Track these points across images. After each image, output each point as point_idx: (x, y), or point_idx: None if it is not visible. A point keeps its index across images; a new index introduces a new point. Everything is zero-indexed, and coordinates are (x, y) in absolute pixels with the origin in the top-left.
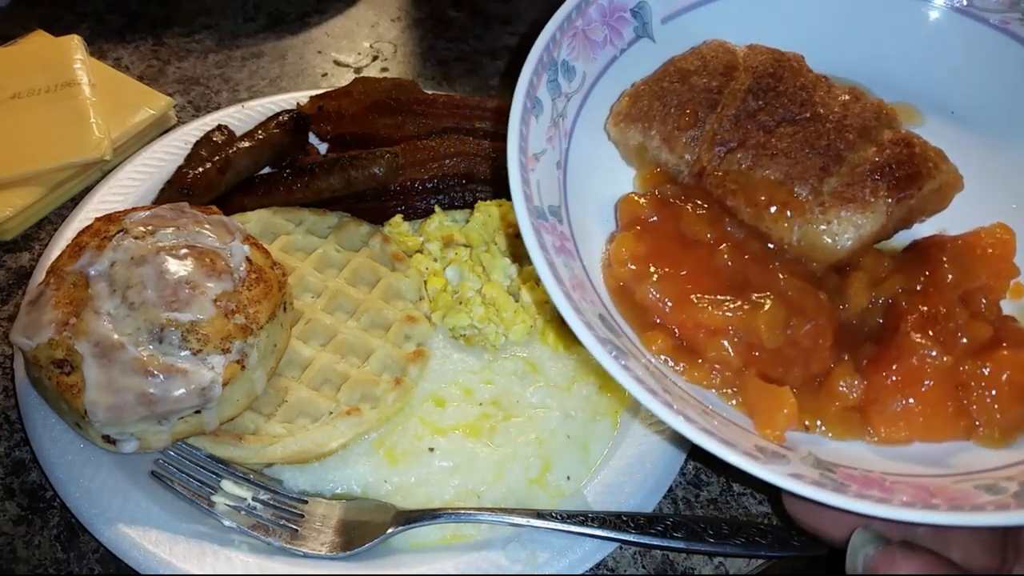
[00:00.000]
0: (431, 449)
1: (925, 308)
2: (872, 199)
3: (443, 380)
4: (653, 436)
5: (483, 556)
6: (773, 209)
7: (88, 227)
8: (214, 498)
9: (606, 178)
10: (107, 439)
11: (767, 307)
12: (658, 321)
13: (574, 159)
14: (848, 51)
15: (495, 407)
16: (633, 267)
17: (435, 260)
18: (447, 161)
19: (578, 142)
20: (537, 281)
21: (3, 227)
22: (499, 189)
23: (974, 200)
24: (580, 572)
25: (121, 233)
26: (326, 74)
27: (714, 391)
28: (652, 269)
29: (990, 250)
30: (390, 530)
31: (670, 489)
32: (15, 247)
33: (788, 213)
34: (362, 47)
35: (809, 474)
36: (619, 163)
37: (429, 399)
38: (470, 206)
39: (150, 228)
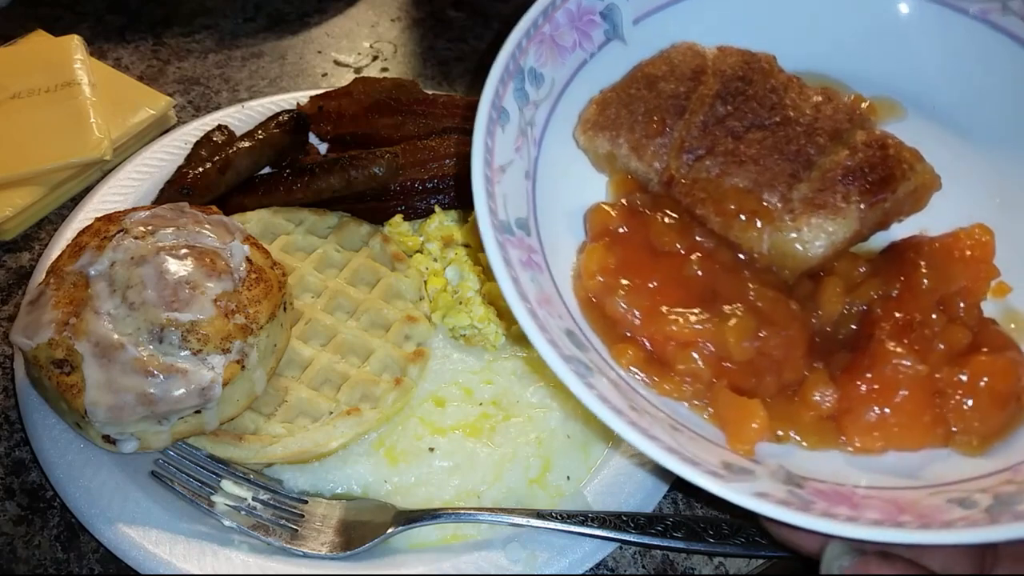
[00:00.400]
0: (431, 449)
1: (900, 315)
2: (843, 204)
3: (443, 380)
4: None
5: (483, 556)
6: (742, 218)
7: (88, 227)
8: (214, 498)
9: (578, 186)
10: (107, 439)
11: (736, 319)
12: (628, 334)
13: (544, 168)
14: (826, 46)
15: (495, 407)
16: (602, 279)
17: (435, 260)
18: (447, 161)
19: (548, 150)
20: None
21: (3, 227)
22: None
23: (958, 196)
24: (580, 572)
25: (121, 233)
26: (326, 74)
27: (686, 404)
28: (621, 281)
29: (968, 252)
30: (390, 530)
31: (670, 489)
32: (15, 247)
33: (757, 222)
34: (362, 47)
35: (775, 492)
36: (591, 170)
37: (429, 399)
38: (470, 206)
39: (150, 228)
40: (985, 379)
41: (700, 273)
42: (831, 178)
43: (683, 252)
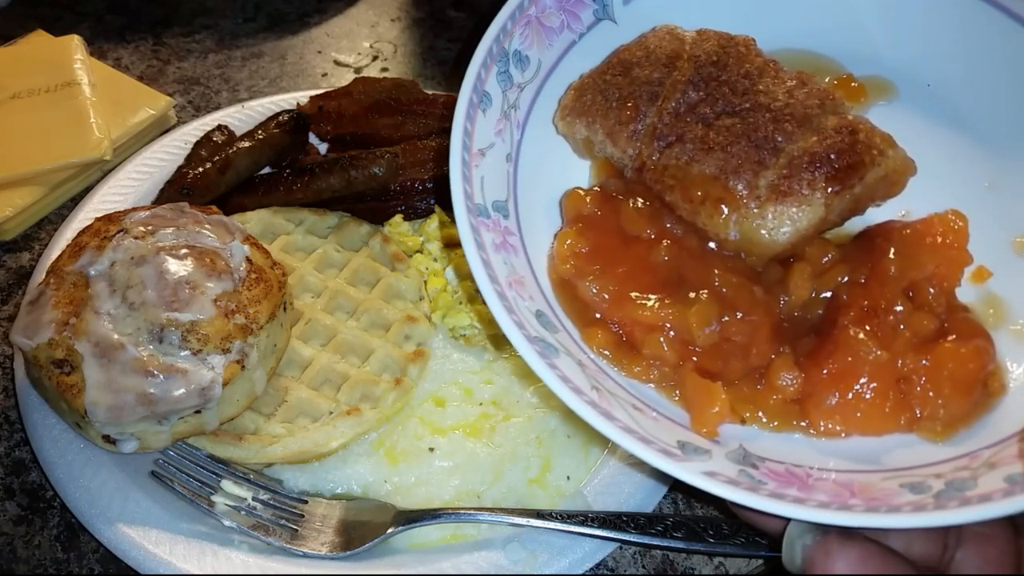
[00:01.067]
0: (431, 449)
1: (866, 302)
2: (808, 192)
3: (443, 380)
4: None
5: (483, 556)
6: (709, 205)
7: (88, 227)
8: (214, 498)
9: (561, 170)
10: (107, 439)
11: (699, 304)
12: (598, 317)
13: (527, 151)
14: (818, 23)
15: (495, 407)
16: (574, 263)
17: (435, 260)
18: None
19: (532, 134)
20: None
21: (3, 227)
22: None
23: (945, 177)
24: (580, 572)
25: (121, 233)
26: (326, 74)
27: (653, 386)
28: (592, 266)
29: (940, 239)
30: (390, 530)
31: (670, 489)
32: (15, 247)
33: (724, 208)
34: (362, 47)
35: (725, 472)
36: (574, 155)
37: (429, 399)
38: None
39: (150, 228)
40: (950, 366)
41: (668, 259)
42: (797, 165)
43: (652, 238)
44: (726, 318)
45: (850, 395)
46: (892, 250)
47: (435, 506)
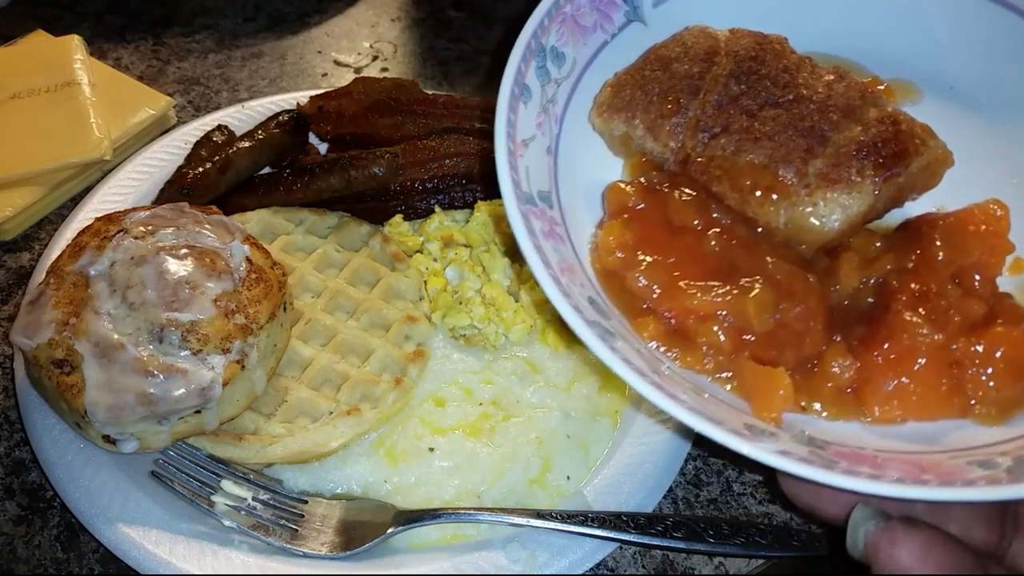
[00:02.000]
0: (431, 449)
1: (916, 287)
2: (858, 179)
3: (443, 380)
4: (653, 436)
5: (483, 556)
6: (759, 193)
7: (88, 227)
8: (214, 498)
9: (597, 164)
10: (107, 439)
11: (756, 291)
12: (647, 308)
13: (565, 145)
14: (842, 27)
15: (495, 407)
16: (621, 255)
17: (435, 260)
18: (447, 161)
19: (569, 128)
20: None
21: (3, 227)
22: (491, 187)
23: (973, 176)
24: (580, 572)
25: (121, 233)
26: (326, 74)
27: (708, 377)
28: (640, 256)
29: (983, 227)
30: (390, 530)
31: (670, 489)
32: (15, 247)
33: (774, 196)
34: (362, 47)
35: (797, 451)
36: (608, 151)
37: (429, 399)
38: (470, 206)
39: (150, 228)
40: (1001, 350)
41: (718, 248)
42: (845, 153)
43: (701, 228)
44: (782, 305)
45: (905, 379)
46: (938, 237)
47: (435, 506)
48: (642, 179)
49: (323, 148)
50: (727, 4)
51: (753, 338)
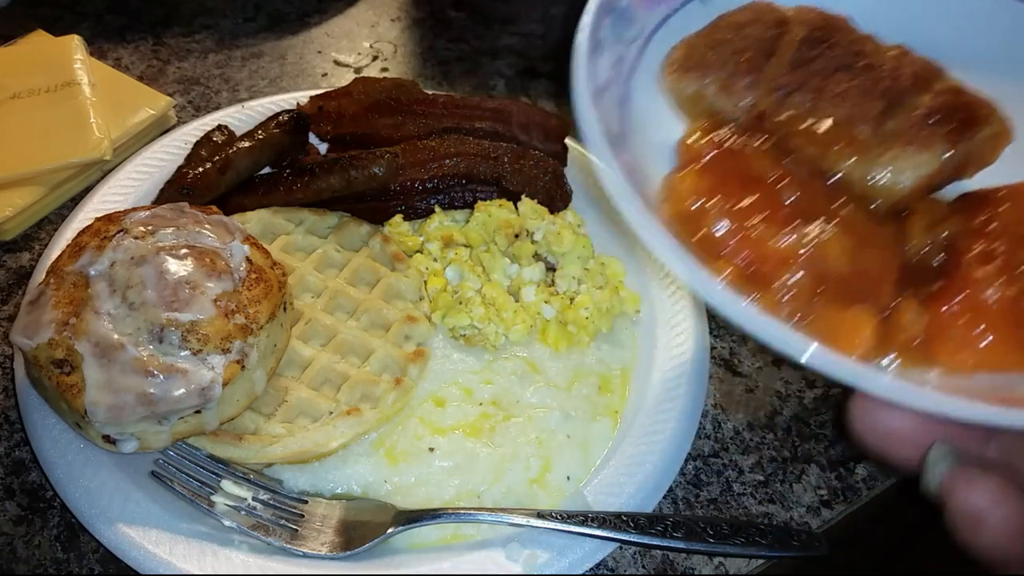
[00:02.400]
0: (431, 449)
1: (985, 244)
2: (931, 140)
3: (443, 380)
4: (653, 436)
5: (483, 556)
6: (836, 148)
7: (88, 227)
8: (214, 498)
9: (662, 122)
10: (107, 439)
11: (835, 234)
12: (723, 253)
13: (634, 102)
14: (897, 21)
15: (495, 407)
16: (696, 201)
17: (435, 260)
18: (447, 161)
19: (636, 86)
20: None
21: (3, 227)
22: (491, 187)
23: (1015, 163)
24: (580, 572)
25: (121, 233)
26: (326, 74)
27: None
28: (714, 204)
29: None
30: (390, 530)
31: (670, 489)
32: (15, 247)
33: (850, 152)
34: (362, 47)
35: (886, 375)
36: (673, 110)
37: (429, 399)
38: (470, 206)
39: (150, 228)
40: None
41: (794, 197)
42: (918, 117)
43: (775, 178)
44: (861, 251)
45: (977, 330)
46: (1003, 201)
47: (435, 506)
48: (715, 134)
49: (323, 148)
50: None
51: (828, 286)
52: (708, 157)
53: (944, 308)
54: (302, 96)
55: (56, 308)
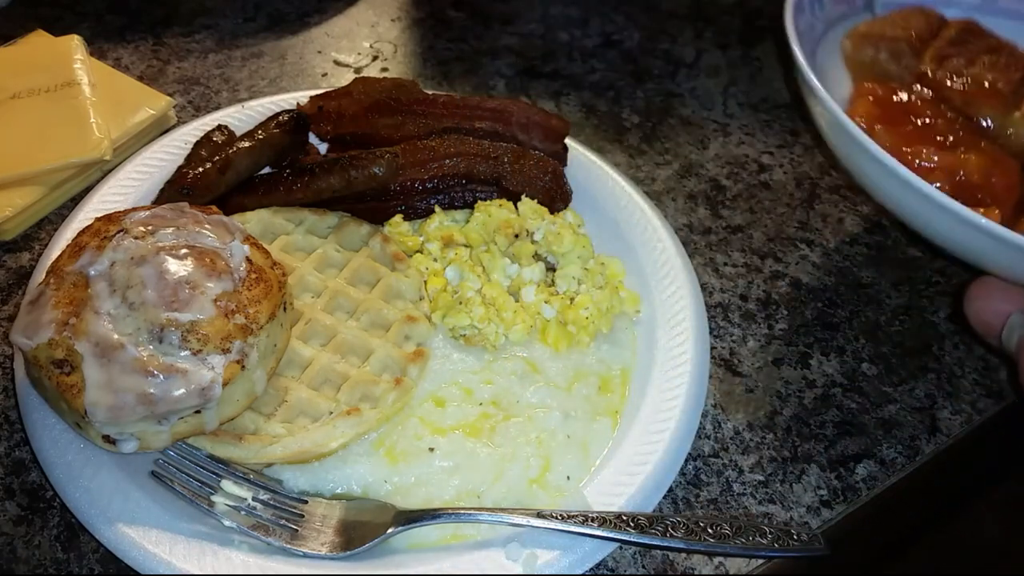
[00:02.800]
0: (431, 449)
1: None
2: None
3: (443, 380)
4: (653, 436)
5: (483, 556)
6: (985, 97)
7: (88, 227)
8: (214, 498)
9: (833, 86)
10: (107, 439)
11: (977, 154)
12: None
13: (820, 55)
14: None
15: (495, 407)
16: (865, 121)
17: (435, 260)
18: (447, 161)
19: (821, 50)
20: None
21: (3, 227)
22: (490, 187)
23: None
24: (580, 572)
25: (121, 233)
26: (326, 74)
27: None
28: (881, 125)
29: None
30: (390, 530)
31: (670, 489)
32: (15, 247)
33: (995, 102)
34: (362, 47)
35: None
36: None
37: (429, 399)
38: (470, 206)
39: (150, 228)
40: None
41: (946, 130)
42: None
43: (932, 116)
44: (994, 171)
45: None
46: None
47: (435, 506)
48: (882, 83)
49: (323, 148)
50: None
51: (964, 195)
52: (877, 94)
53: None
54: (302, 96)
55: (56, 308)
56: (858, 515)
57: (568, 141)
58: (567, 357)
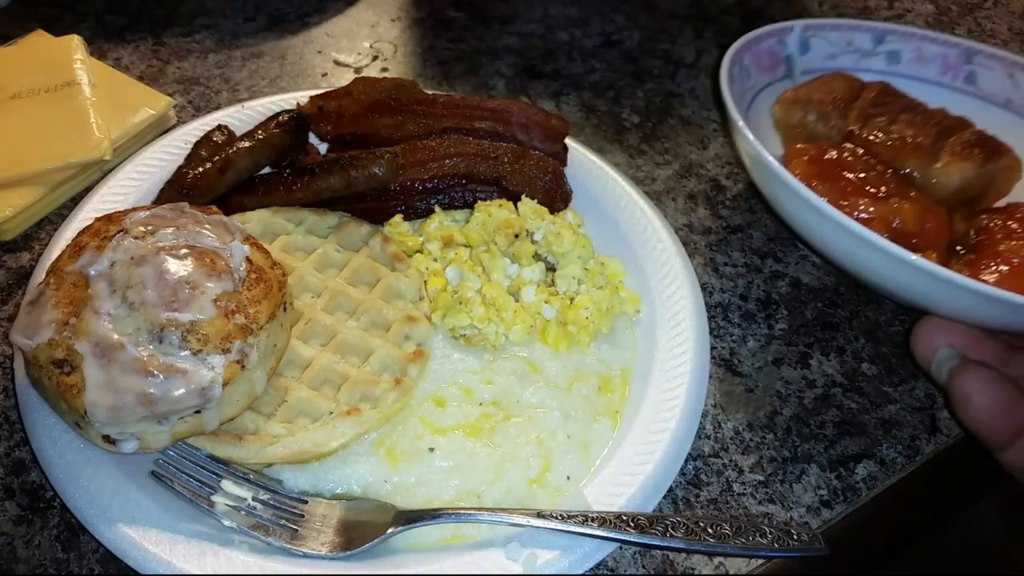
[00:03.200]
0: (431, 449)
1: (1010, 223)
2: (971, 156)
3: (443, 380)
4: (653, 436)
5: (483, 556)
6: (907, 152)
7: (88, 227)
8: (214, 498)
9: (766, 141)
10: (107, 439)
11: (909, 203)
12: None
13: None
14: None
15: (495, 407)
16: (802, 178)
17: (435, 260)
18: (447, 161)
19: (751, 115)
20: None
21: (3, 227)
22: (490, 187)
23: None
24: (580, 572)
25: (121, 233)
26: (326, 74)
27: None
28: (818, 182)
29: None
30: (390, 530)
31: (670, 489)
32: (15, 247)
33: (918, 154)
34: (362, 47)
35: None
36: (771, 140)
37: (429, 399)
38: (470, 206)
39: (150, 228)
40: None
41: (877, 182)
42: (962, 141)
43: (863, 170)
44: (926, 220)
45: (1003, 273)
46: (1019, 208)
47: (435, 506)
48: (814, 143)
49: (323, 148)
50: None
51: (903, 239)
52: (809, 156)
53: (980, 266)
54: (302, 96)
55: (56, 308)
56: (858, 515)
57: (568, 141)
58: (567, 357)
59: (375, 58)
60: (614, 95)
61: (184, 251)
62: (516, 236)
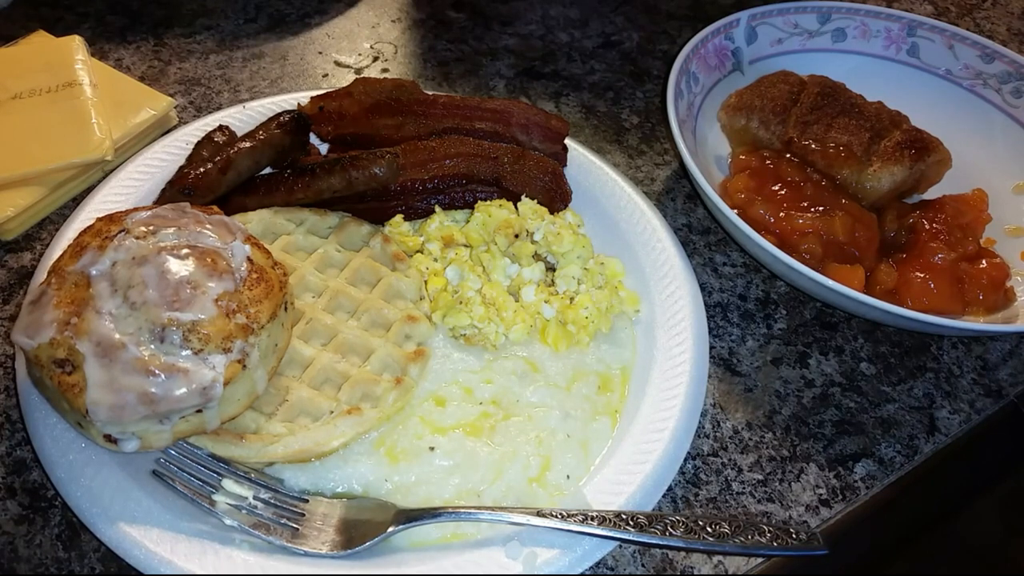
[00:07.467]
0: (431, 448)
1: (935, 227)
2: (901, 159)
3: (443, 379)
4: (653, 435)
5: (483, 554)
6: (841, 160)
7: (89, 227)
8: (215, 497)
9: (714, 145)
10: (108, 438)
11: (841, 215)
12: (764, 229)
13: (699, 129)
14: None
15: (495, 406)
16: (745, 195)
17: (435, 260)
18: (447, 161)
19: (700, 121)
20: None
21: (5, 227)
22: (490, 187)
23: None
24: (580, 571)
25: (122, 233)
26: (327, 75)
27: None
28: (760, 196)
29: (972, 202)
30: (391, 529)
31: (670, 488)
32: (16, 247)
33: (850, 163)
34: (363, 48)
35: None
36: (721, 139)
37: (429, 398)
38: (470, 206)
39: (151, 228)
40: (986, 274)
41: (812, 193)
42: (892, 144)
43: (801, 181)
44: (856, 228)
45: (931, 284)
46: (947, 204)
47: (435, 505)
48: (755, 155)
49: (324, 148)
50: (798, 69)
51: (834, 250)
52: (753, 167)
53: (908, 268)
54: (303, 96)
55: (58, 308)
56: (857, 514)
57: (568, 141)
58: (567, 357)
59: (376, 59)
60: (614, 96)
61: (185, 251)
62: (516, 236)
